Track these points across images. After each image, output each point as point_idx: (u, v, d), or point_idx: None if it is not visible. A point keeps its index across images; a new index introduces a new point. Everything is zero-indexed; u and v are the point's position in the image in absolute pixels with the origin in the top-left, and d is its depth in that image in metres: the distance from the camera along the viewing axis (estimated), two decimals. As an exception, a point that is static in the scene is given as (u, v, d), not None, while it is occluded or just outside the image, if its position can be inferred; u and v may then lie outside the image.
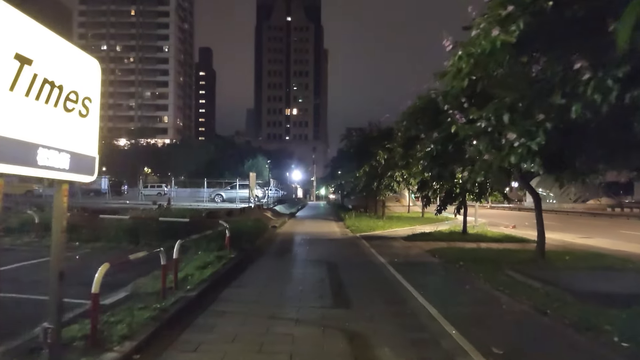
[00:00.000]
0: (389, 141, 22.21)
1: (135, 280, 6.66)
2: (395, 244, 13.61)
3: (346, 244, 13.56)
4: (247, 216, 18.09)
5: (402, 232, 17.85)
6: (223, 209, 19.93)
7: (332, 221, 24.59)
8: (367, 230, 18.10)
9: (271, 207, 30.18)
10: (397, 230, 18.74)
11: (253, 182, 21.38)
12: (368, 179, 23.53)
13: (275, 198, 39.15)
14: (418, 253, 11.59)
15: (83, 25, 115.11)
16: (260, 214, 21.02)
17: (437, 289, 7.36)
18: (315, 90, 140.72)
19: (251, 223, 12.75)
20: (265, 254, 10.75)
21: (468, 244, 13.67)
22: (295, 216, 29.04)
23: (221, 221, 9.92)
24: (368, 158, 22.24)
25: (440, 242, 14.09)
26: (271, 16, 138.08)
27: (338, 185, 31.36)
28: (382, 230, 18.46)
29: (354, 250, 12.18)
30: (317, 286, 7.35)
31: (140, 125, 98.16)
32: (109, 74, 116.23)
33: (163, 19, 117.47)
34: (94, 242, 10.29)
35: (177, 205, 23.86)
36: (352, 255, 11.01)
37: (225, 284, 7.26)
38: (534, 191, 10.98)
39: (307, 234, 16.88)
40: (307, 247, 12.41)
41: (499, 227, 20.39)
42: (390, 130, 22.92)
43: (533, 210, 38.60)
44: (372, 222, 21.42)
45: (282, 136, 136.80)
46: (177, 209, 17.37)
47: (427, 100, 9.12)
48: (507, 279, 8.08)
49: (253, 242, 11.26)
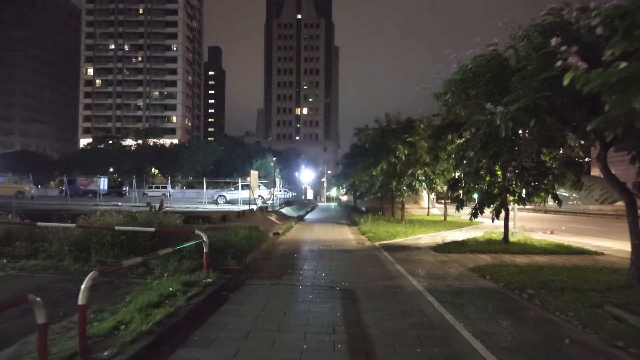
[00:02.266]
0: (410, 134, 19.42)
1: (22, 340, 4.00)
2: (425, 258, 10.80)
3: (364, 258, 10.77)
4: (245, 221, 15.43)
5: (429, 240, 15.01)
6: (219, 212, 17.30)
7: (344, 225, 21.81)
8: (386, 237, 15.30)
9: (277, 209, 27.54)
10: (422, 238, 15.91)
11: (255, 181, 18.73)
12: (385, 177, 20.71)
13: (283, 199, 36.52)
14: (460, 273, 8.78)
15: (91, 24, 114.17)
16: (263, 218, 18.36)
17: (523, 348, 4.56)
18: (326, 88, 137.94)
19: (244, 232, 10.06)
20: (257, 276, 8.00)
21: (518, 258, 10.82)
22: (303, 219, 26.32)
23: (198, 231, 7.24)
24: (386, 154, 19.43)
25: (481, 255, 11.25)
26: (281, 13, 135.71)
27: (351, 185, 28.50)
28: (404, 238, 15.64)
29: (375, 267, 9.39)
30: (327, 343, 4.61)
31: (149, 125, 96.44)
32: (117, 74, 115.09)
33: (171, 17, 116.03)
34: (27, 260, 7.70)
35: (172, 207, 21.33)
36: (374, 277, 8.24)
37: (180, 340, 4.56)
38: (624, 187, 7.79)
39: (316, 242, 14.14)
40: (314, 264, 9.66)
41: (536, 233, 17.42)
42: (411, 122, 20.10)
43: (559, 212, 35.39)
44: (390, 227, 18.62)
45: (292, 136, 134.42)
46: (169, 212, 14.89)
47: (489, 59, 6.27)
48: (617, 323, 5.27)
49: (243, 257, 8.55)
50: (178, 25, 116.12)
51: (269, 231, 14.83)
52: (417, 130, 19.37)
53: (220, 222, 13.78)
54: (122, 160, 77.78)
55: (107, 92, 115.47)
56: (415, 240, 15.14)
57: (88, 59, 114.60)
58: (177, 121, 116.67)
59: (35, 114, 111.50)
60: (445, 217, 25.76)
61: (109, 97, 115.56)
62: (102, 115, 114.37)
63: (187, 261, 7.40)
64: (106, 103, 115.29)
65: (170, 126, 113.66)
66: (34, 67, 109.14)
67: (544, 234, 18.00)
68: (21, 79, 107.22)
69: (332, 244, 13.84)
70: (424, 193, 30.86)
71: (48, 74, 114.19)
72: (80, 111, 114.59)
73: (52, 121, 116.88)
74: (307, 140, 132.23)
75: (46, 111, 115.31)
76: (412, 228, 18.51)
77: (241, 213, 17.31)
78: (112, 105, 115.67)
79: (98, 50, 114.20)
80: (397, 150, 18.93)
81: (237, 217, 16.46)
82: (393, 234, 16.03)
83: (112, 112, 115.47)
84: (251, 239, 9.55)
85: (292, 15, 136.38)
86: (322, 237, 15.77)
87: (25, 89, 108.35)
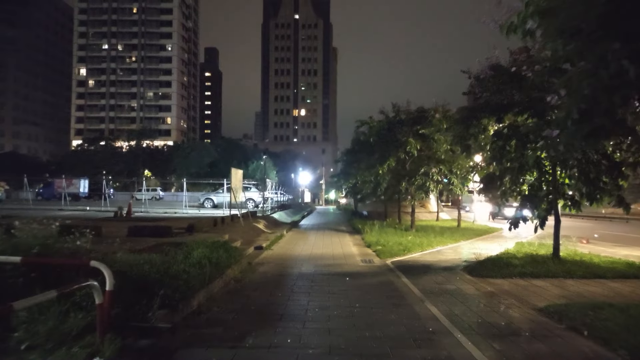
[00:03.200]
0: (422, 126, 16.30)
1: None
2: (463, 288, 7.59)
3: (377, 290, 7.51)
4: (221, 231, 12.24)
5: (452, 255, 11.83)
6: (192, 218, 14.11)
7: (345, 234, 18.61)
8: (399, 251, 12.08)
9: (269, 214, 24.37)
10: (443, 251, 12.72)
11: (237, 181, 15.54)
12: (393, 177, 17.54)
13: (278, 203, 33.37)
14: (531, 320, 5.60)
15: (84, 24, 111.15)
16: (247, 227, 15.15)
17: None
18: (324, 90, 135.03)
19: (201, 252, 6.82)
20: (204, 338, 4.72)
21: (591, 286, 7.67)
22: (298, 226, 23.07)
23: (95, 262, 4.07)
24: (394, 149, 16.29)
25: (536, 282, 8.10)
26: (278, 13, 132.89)
27: (352, 186, 25.26)
28: (420, 252, 12.44)
29: (396, 310, 6.08)
30: None
31: (142, 126, 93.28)
32: (110, 74, 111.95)
33: (166, 16, 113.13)
34: None
35: (148, 212, 18.33)
36: (399, 335, 4.98)
37: None
38: None
39: (310, 260, 10.91)
40: (303, 303, 6.39)
41: (571, 243, 14.23)
42: (423, 112, 16.97)
43: (575, 217, 31.71)
44: (401, 236, 15.45)
45: (289, 138, 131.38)
46: (139, 218, 11.94)
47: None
48: None
49: (188, 299, 5.34)
50: (173, 24, 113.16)
51: (250, 244, 11.63)
52: (430, 121, 16.27)
53: (184, 235, 10.58)
54: (113, 162, 74.76)
55: (101, 93, 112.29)
56: (435, 255, 11.94)
57: (81, 59, 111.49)
58: (172, 122, 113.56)
59: (27, 115, 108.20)
60: (459, 222, 22.57)
61: (102, 98, 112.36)
62: (95, 117, 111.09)
63: (80, 314, 4.21)
64: (99, 104, 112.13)
65: (165, 127, 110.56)
66: (26, 67, 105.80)
67: (580, 243, 14.90)
68: (12, 79, 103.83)
69: (330, 262, 10.61)
70: (431, 195, 27.74)
71: (41, 75, 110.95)
72: (72, 112, 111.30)
73: (44, 123, 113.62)
74: (305, 142, 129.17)
75: (38, 112, 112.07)
76: (427, 238, 15.31)
77: (219, 220, 14.08)
78: (105, 106, 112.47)
79: (91, 50, 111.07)
80: (408, 145, 15.78)
81: (212, 225, 13.26)
82: (406, 247, 12.83)
83: (106, 113, 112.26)
84: (208, 264, 6.32)
85: (290, 15, 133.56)
86: (318, 252, 12.54)
87: (16, 89, 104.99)
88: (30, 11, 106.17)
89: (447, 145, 16.52)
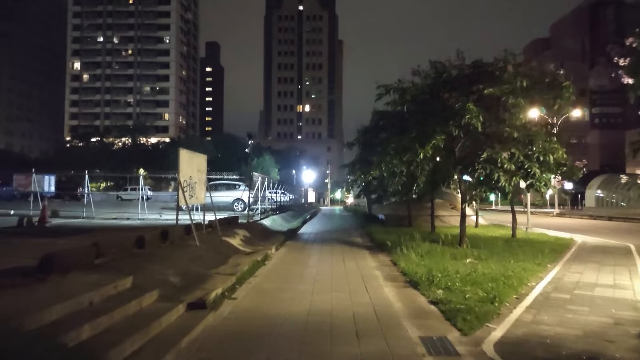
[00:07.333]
0: (487, 85, 10.40)
1: None
2: None
3: None
4: (123, 267, 6.35)
5: (586, 309, 5.77)
6: (125, 229, 8.24)
7: (362, 250, 12.68)
8: (482, 303, 6.12)
9: (260, 219, 18.49)
10: (551, 297, 6.72)
11: (193, 171, 9.66)
12: (437, 166, 11.60)
13: (277, 203, 27.54)
14: None
15: (78, 15, 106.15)
16: (207, 247, 9.18)
17: None
18: (330, 85, 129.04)
19: None
20: None
21: None
22: (296, 236, 16.98)
23: None
24: (442, 122, 10.33)
25: None
26: (282, 4, 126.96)
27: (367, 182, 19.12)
28: (516, 298, 6.52)
29: None
30: None
31: (139, 122, 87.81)
32: (105, 68, 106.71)
33: (164, 7, 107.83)
34: None
35: (93, 218, 12.88)
36: None
37: None
38: None
39: (305, 342, 5.04)
40: None
41: None
42: (483, 65, 11.10)
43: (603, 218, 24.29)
44: (453, 257, 9.61)
45: (293, 135, 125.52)
46: None
47: None
48: None
49: None
50: (171, 15, 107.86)
51: (186, 290, 5.72)
52: (500, 77, 10.36)
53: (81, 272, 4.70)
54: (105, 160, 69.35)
55: (95, 88, 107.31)
56: (552, 310, 5.94)
57: (75, 53, 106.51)
58: (169, 118, 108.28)
59: (20, 112, 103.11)
60: (513, 231, 16.51)
61: (97, 93, 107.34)
62: (89, 113, 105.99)
63: None
64: (94, 99, 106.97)
65: (163, 124, 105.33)
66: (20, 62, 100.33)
67: None
68: (6, 75, 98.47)
69: (355, 351, 4.69)
70: (456, 192, 21.70)
71: (36, 70, 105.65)
72: (66, 108, 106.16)
73: (39, 119, 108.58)
74: (310, 139, 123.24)
75: (33, 109, 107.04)
76: (498, 261, 9.35)
77: (158, 236, 8.24)
78: (100, 101, 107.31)
79: (85, 43, 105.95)
80: (467, 114, 9.75)
81: (159, 242, 7.44)
82: (486, 288, 6.88)
83: (101, 108, 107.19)
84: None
85: (294, 6, 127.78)
86: (325, 305, 6.50)
87: (10, 85, 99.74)
88: (24, 3, 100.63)
89: (523, 117, 10.61)
